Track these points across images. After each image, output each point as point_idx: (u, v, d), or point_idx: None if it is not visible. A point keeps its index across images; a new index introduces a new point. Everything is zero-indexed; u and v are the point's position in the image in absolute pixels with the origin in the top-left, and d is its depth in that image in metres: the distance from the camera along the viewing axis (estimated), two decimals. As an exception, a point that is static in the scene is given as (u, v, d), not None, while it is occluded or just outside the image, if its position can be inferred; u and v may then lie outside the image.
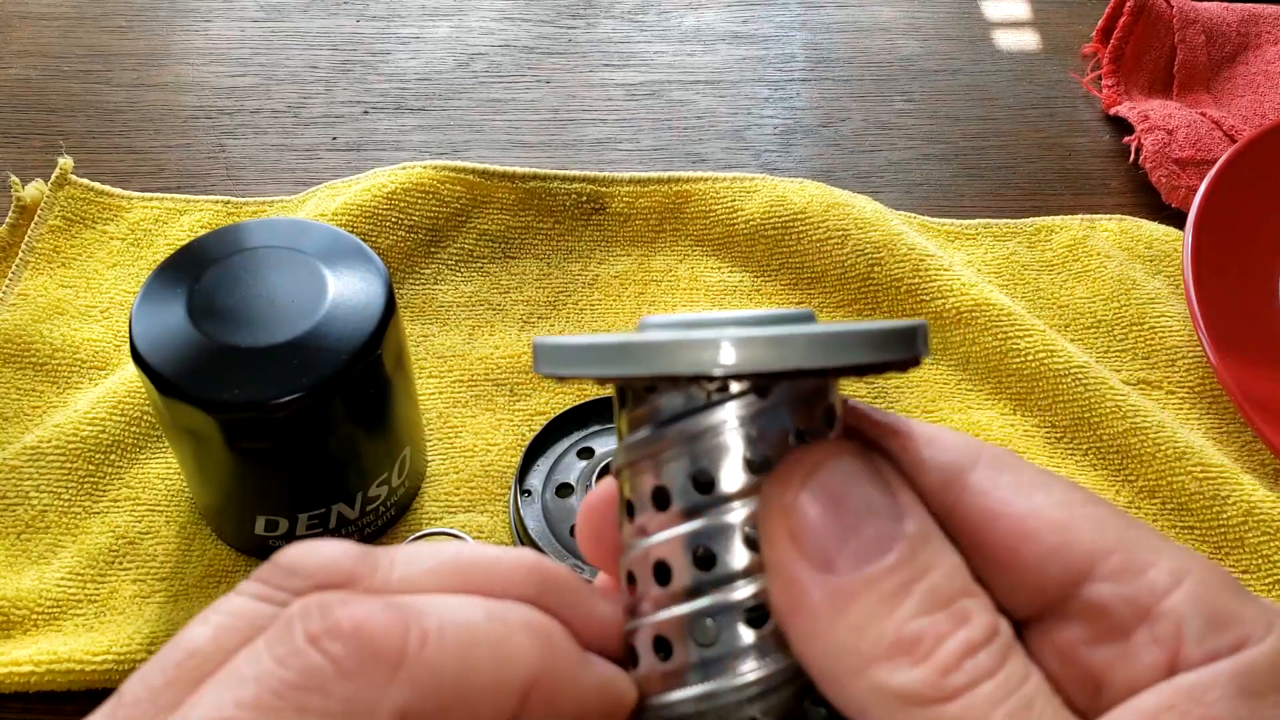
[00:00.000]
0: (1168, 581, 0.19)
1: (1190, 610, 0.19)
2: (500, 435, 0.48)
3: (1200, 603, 0.19)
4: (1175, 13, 0.66)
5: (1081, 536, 0.19)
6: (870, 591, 0.18)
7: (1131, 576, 0.19)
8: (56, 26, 0.70)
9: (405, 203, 0.54)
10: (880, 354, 0.18)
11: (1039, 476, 0.20)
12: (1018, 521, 0.20)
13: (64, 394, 0.49)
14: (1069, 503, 0.20)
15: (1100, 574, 0.19)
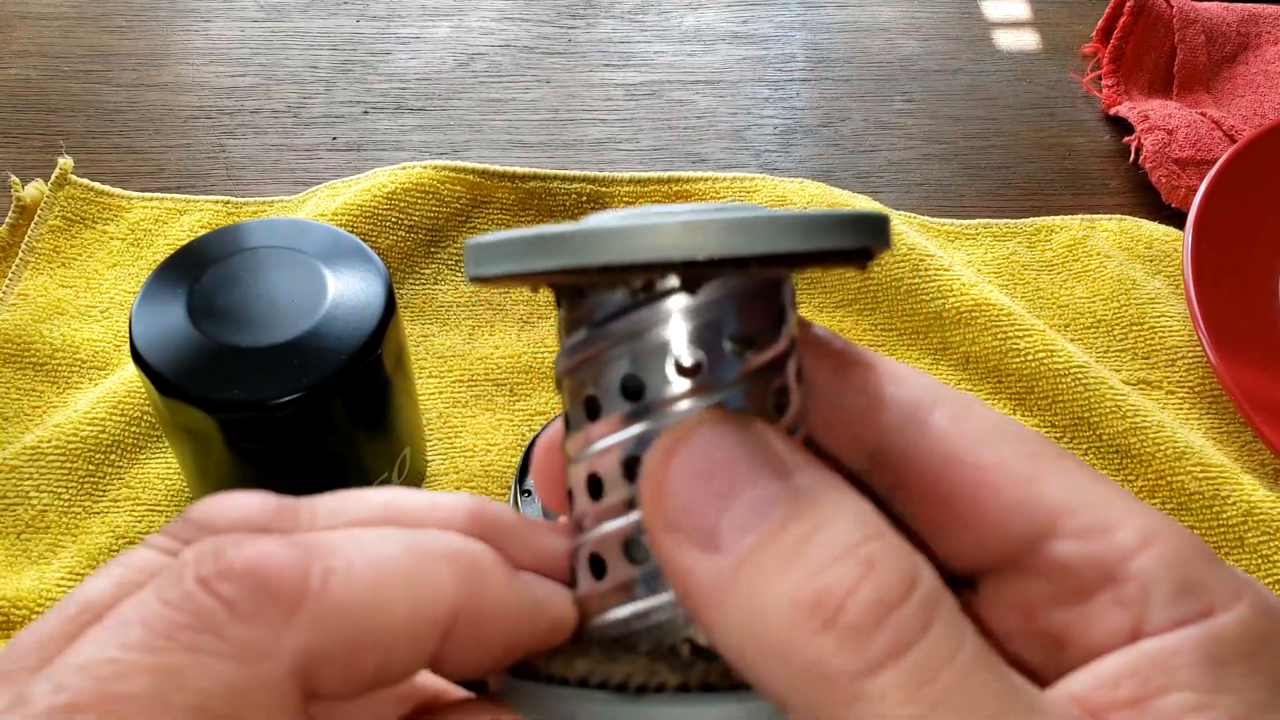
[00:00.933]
0: (1135, 543, 0.18)
1: (1157, 574, 0.18)
2: (500, 435, 0.48)
3: (1168, 567, 0.18)
4: (1175, 13, 0.66)
5: (1047, 491, 0.18)
6: (759, 559, 0.16)
7: (1098, 536, 0.18)
8: (56, 26, 0.70)
9: (405, 203, 0.54)
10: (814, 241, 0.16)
11: (1006, 425, 0.19)
12: (980, 471, 0.18)
13: (64, 394, 0.49)
14: (1036, 455, 0.19)
15: (1065, 531, 0.18)
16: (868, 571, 0.15)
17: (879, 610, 0.15)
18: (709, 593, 0.16)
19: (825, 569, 0.15)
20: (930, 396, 0.19)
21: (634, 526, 0.18)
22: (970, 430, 0.19)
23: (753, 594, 0.16)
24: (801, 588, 0.15)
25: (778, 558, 0.16)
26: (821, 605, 0.15)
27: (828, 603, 0.15)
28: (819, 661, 0.15)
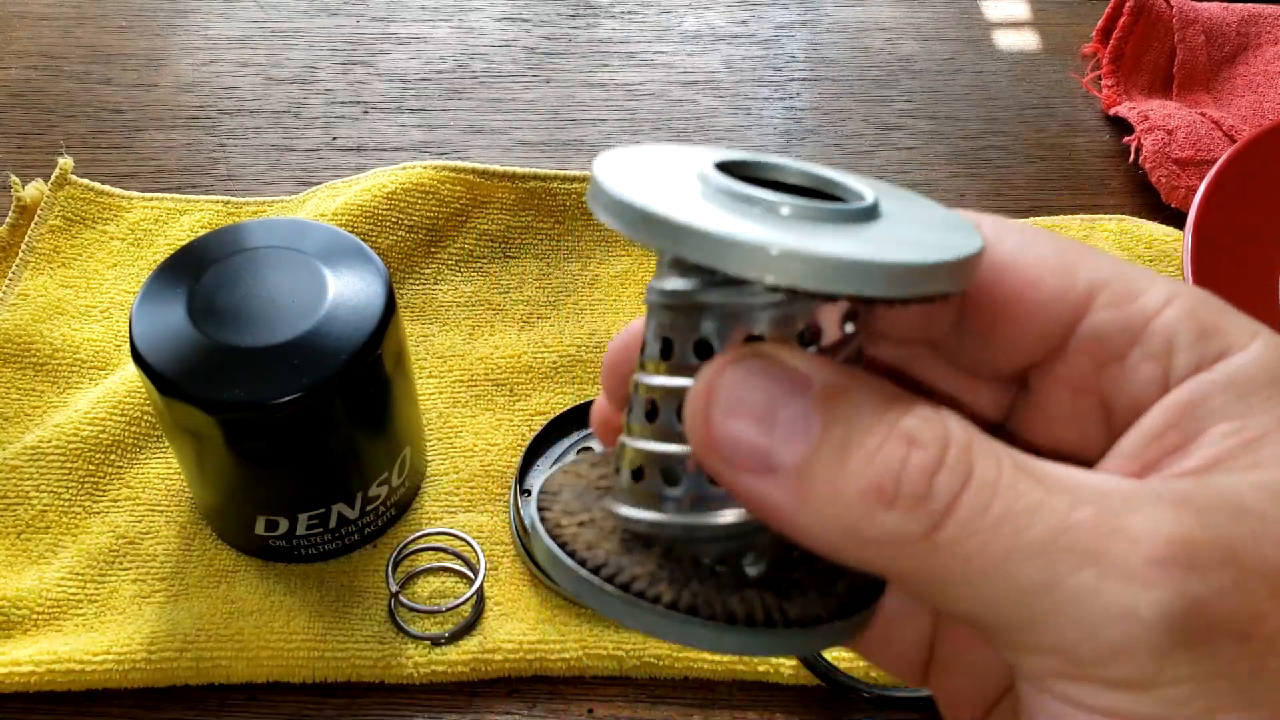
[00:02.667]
0: (1159, 303, 0.20)
1: (1178, 325, 0.19)
2: (500, 435, 0.48)
3: (1188, 318, 0.19)
4: (1175, 13, 0.66)
5: (1080, 275, 0.20)
6: (814, 468, 0.18)
7: (1126, 302, 0.20)
8: (56, 26, 0.70)
9: (405, 203, 0.54)
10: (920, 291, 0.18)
11: (1037, 231, 0.21)
12: (1023, 270, 0.20)
13: (64, 394, 0.49)
14: (1066, 249, 0.21)
15: (1097, 305, 0.20)
16: (909, 447, 0.17)
17: (926, 476, 0.17)
18: (781, 509, 0.18)
19: (873, 457, 0.17)
20: (972, 218, 0.21)
21: (673, 456, 0.20)
22: (1009, 239, 0.21)
23: (818, 498, 0.18)
24: (858, 481, 0.17)
25: (829, 462, 0.18)
26: (880, 490, 0.17)
27: (885, 486, 0.17)
28: (891, 534, 0.17)
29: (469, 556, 0.43)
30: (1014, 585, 0.17)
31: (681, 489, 0.20)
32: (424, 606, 0.41)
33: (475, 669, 0.40)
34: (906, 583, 0.18)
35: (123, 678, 0.40)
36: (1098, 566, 0.17)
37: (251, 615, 0.41)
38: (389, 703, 0.40)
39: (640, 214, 0.18)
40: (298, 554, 0.43)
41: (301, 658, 0.40)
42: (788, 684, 0.40)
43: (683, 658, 0.40)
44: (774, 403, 0.18)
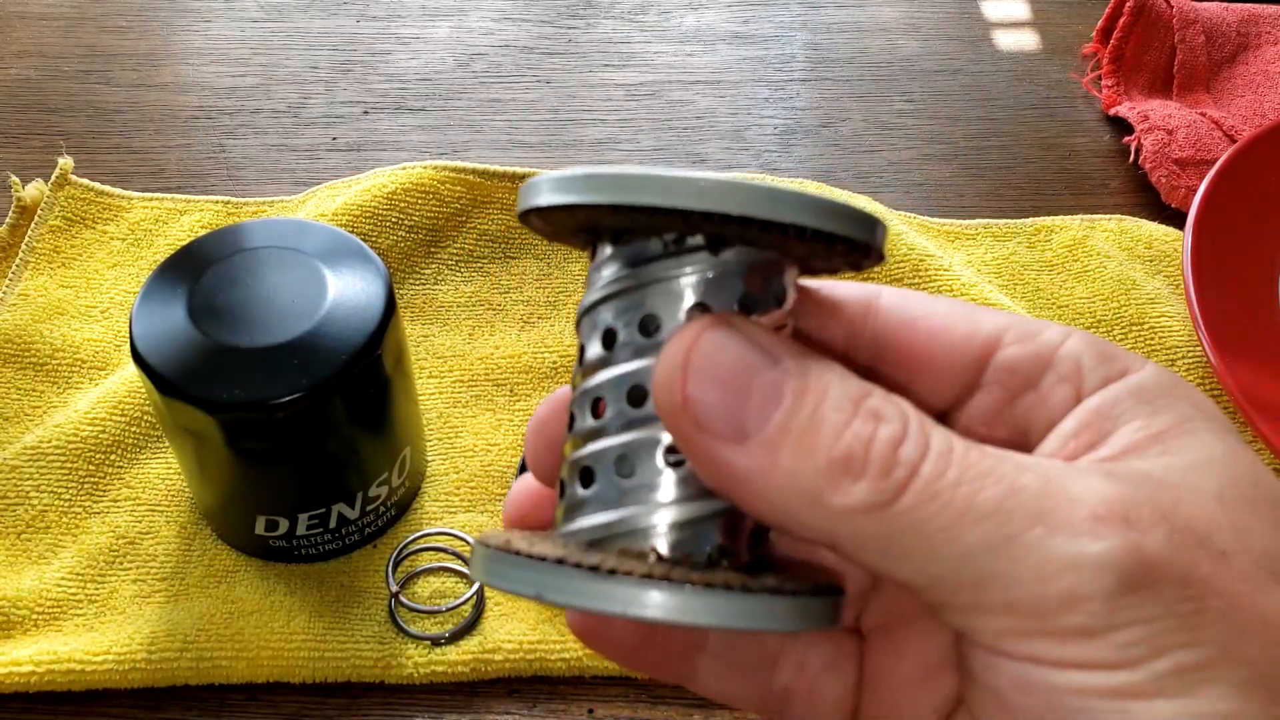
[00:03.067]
0: (1060, 337, 0.22)
1: (1083, 351, 0.21)
2: (500, 435, 0.47)
3: (1089, 346, 0.22)
4: (1175, 13, 0.66)
5: (985, 321, 0.22)
6: (788, 435, 0.18)
7: (1030, 338, 0.22)
8: (56, 26, 0.70)
9: (405, 203, 0.54)
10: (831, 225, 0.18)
11: (932, 296, 0.23)
12: (931, 320, 0.22)
13: (64, 394, 0.49)
14: (967, 305, 0.23)
15: (1005, 342, 0.22)
16: (876, 423, 0.18)
17: (891, 448, 0.18)
18: (747, 478, 0.19)
19: (842, 431, 0.18)
20: (870, 291, 0.23)
21: (627, 445, 0.20)
22: (912, 300, 0.23)
23: (789, 466, 0.18)
24: (828, 453, 0.18)
25: (799, 433, 0.18)
26: (849, 461, 0.18)
27: (853, 458, 0.18)
28: (857, 504, 0.18)
29: (469, 556, 0.43)
30: (968, 546, 0.18)
31: (637, 478, 0.20)
32: (424, 606, 0.41)
33: (475, 669, 0.40)
34: (863, 551, 0.19)
35: (123, 678, 0.40)
36: (1044, 524, 0.18)
37: (251, 615, 0.41)
38: (389, 703, 0.40)
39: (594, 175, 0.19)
40: (298, 554, 0.43)
41: (301, 658, 0.40)
42: (788, 684, 0.40)
43: (683, 658, 0.40)
44: (749, 372, 0.19)
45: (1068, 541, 0.18)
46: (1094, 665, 0.18)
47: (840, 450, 0.18)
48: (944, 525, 0.18)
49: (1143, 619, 0.18)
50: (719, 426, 0.19)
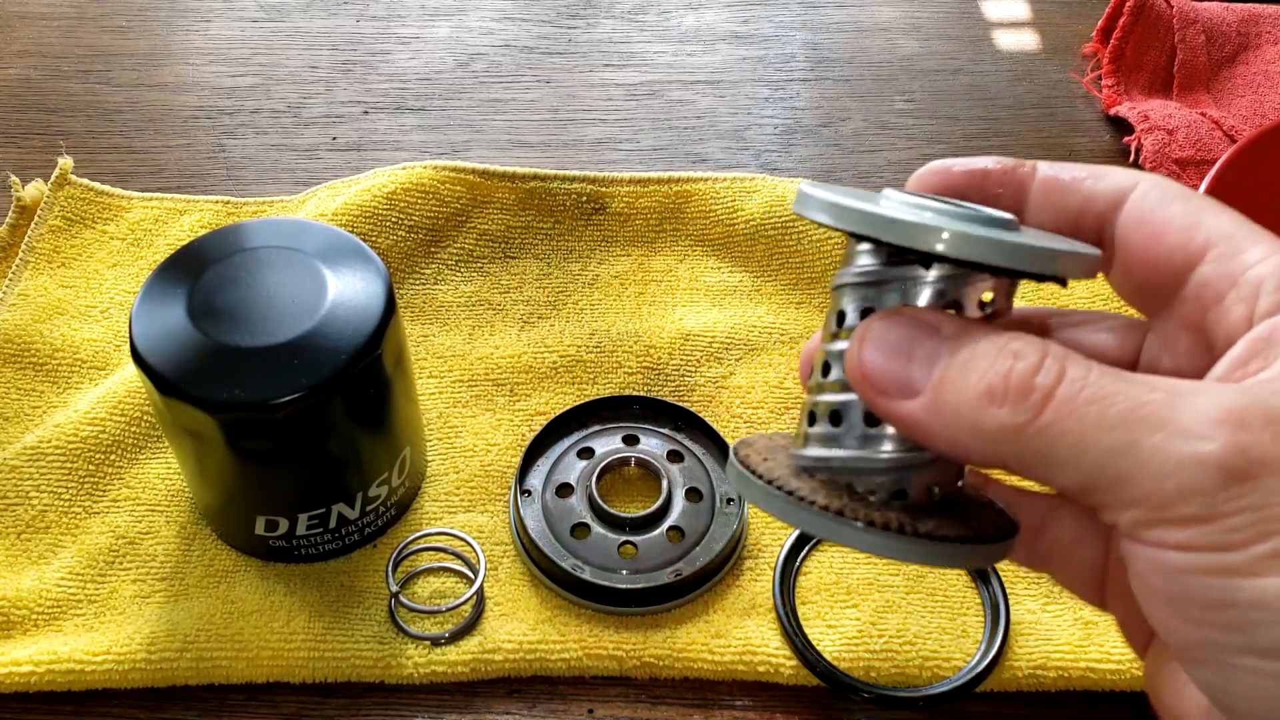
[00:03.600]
0: (1255, 258, 0.25)
1: (1266, 275, 0.24)
2: (500, 435, 0.47)
3: (1274, 272, 0.24)
4: (1175, 13, 0.66)
5: (1199, 233, 0.25)
6: (946, 382, 0.23)
7: (1229, 257, 0.25)
8: (56, 26, 0.70)
9: (405, 203, 0.54)
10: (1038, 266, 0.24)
11: (1180, 190, 0.26)
12: (1155, 224, 0.26)
13: (64, 394, 0.49)
14: (1195, 208, 0.26)
15: (1208, 258, 0.25)
16: (1013, 360, 0.22)
17: (1029, 377, 0.22)
18: (920, 422, 0.23)
19: (986, 371, 0.23)
20: (1131, 182, 0.27)
21: (841, 403, 0.25)
22: (1152, 198, 0.26)
23: (952, 405, 0.23)
24: (977, 389, 0.23)
25: (955, 379, 0.23)
26: (992, 392, 0.22)
27: (995, 389, 0.22)
28: (1005, 425, 0.22)
29: (469, 556, 0.43)
30: (1102, 452, 0.22)
31: (843, 428, 0.26)
32: (424, 606, 0.41)
33: (475, 669, 0.40)
34: (1020, 466, 0.23)
35: (123, 678, 0.40)
36: (1165, 430, 0.21)
37: (251, 615, 0.41)
38: (389, 703, 0.40)
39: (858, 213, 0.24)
40: (298, 554, 0.43)
41: (301, 658, 0.40)
42: (788, 684, 0.40)
43: (682, 658, 0.40)
44: (912, 342, 0.24)
45: (1184, 444, 0.21)
46: (1206, 548, 0.21)
47: (984, 384, 0.23)
48: (1082, 435, 0.22)
49: (1246, 508, 0.21)
50: (890, 386, 0.24)
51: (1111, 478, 0.22)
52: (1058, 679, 0.40)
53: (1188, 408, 0.22)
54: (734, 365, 0.50)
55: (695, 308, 0.53)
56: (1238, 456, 0.21)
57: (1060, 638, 0.40)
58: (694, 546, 0.43)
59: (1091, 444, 0.22)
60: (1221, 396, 0.22)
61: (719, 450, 0.46)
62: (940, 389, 0.23)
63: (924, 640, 0.41)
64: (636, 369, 0.50)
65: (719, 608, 0.42)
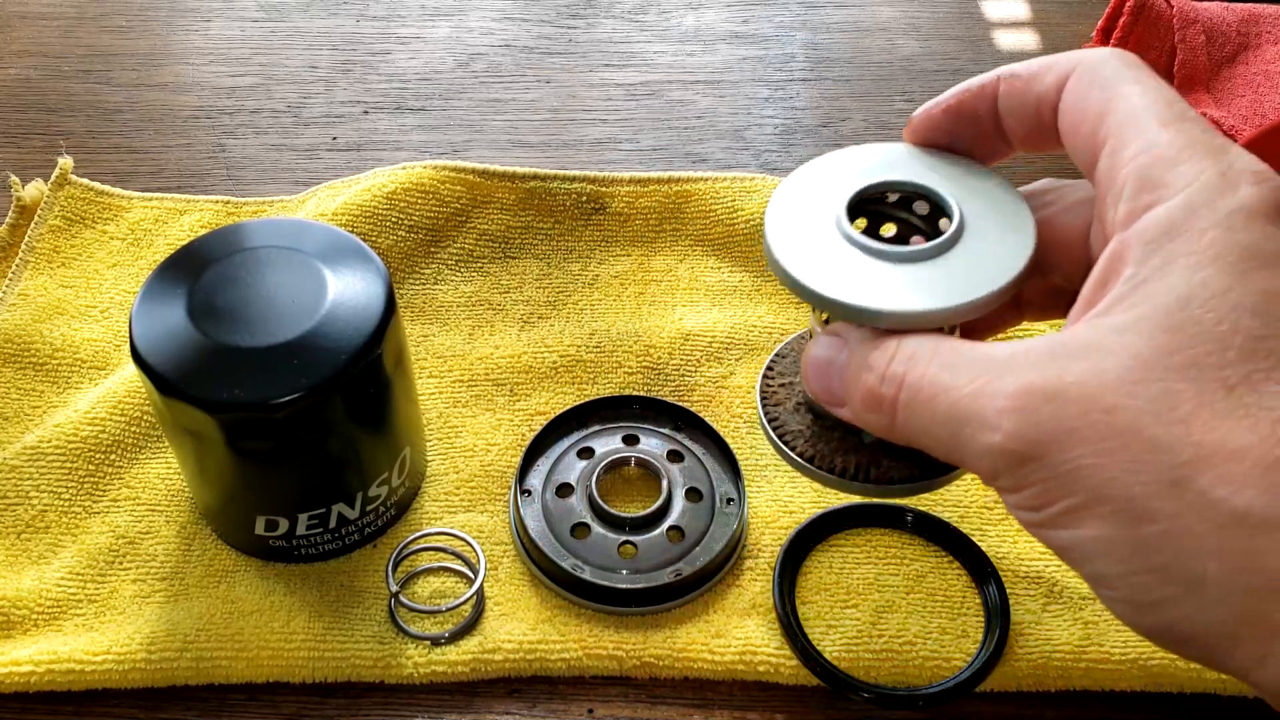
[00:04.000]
0: (1132, 154, 0.28)
1: (1130, 178, 0.27)
2: (500, 435, 0.47)
3: (1138, 172, 0.27)
4: (1175, 13, 0.66)
5: (1104, 122, 0.28)
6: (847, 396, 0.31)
7: (1117, 151, 0.28)
8: (56, 26, 0.70)
9: (405, 203, 0.54)
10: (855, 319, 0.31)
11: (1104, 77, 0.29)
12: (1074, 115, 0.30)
13: (64, 394, 0.49)
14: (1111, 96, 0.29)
15: (1104, 151, 0.28)
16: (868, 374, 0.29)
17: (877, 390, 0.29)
18: (853, 419, 0.31)
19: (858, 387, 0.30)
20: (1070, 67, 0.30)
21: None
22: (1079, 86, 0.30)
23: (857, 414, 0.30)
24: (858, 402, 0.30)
25: (850, 395, 0.30)
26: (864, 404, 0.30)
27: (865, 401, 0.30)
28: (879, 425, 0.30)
29: (469, 556, 0.43)
30: (940, 440, 0.28)
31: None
32: (424, 606, 0.41)
33: (475, 669, 0.40)
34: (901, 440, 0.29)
35: (123, 678, 0.40)
36: (970, 424, 0.27)
37: (251, 615, 0.41)
38: (389, 703, 0.40)
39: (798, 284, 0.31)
40: (298, 554, 0.43)
41: (301, 658, 0.40)
42: (788, 684, 0.40)
43: (682, 658, 0.40)
44: (829, 365, 0.31)
45: (982, 434, 0.26)
46: (1024, 508, 0.27)
47: (858, 399, 0.30)
48: (923, 430, 0.28)
49: (1036, 480, 0.26)
50: (828, 401, 0.31)
51: (955, 458, 0.28)
52: (1058, 679, 0.40)
53: (986, 397, 0.26)
54: (734, 365, 0.50)
55: (695, 308, 0.53)
56: (1018, 443, 0.26)
57: (1060, 638, 0.40)
58: (694, 546, 0.43)
59: (932, 435, 0.28)
60: (1015, 380, 0.26)
61: (719, 450, 0.46)
62: (849, 401, 0.31)
63: (924, 640, 0.41)
64: (636, 369, 0.50)
65: (719, 608, 0.42)
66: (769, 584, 0.42)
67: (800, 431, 0.38)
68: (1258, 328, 0.25)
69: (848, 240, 0.32)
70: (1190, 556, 0.25)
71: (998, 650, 0.40)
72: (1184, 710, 0.40)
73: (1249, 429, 0.24)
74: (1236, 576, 0.24)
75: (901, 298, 0.30)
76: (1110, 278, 0.27)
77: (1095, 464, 0.25)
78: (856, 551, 0.44)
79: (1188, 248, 0.26)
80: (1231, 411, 0.25)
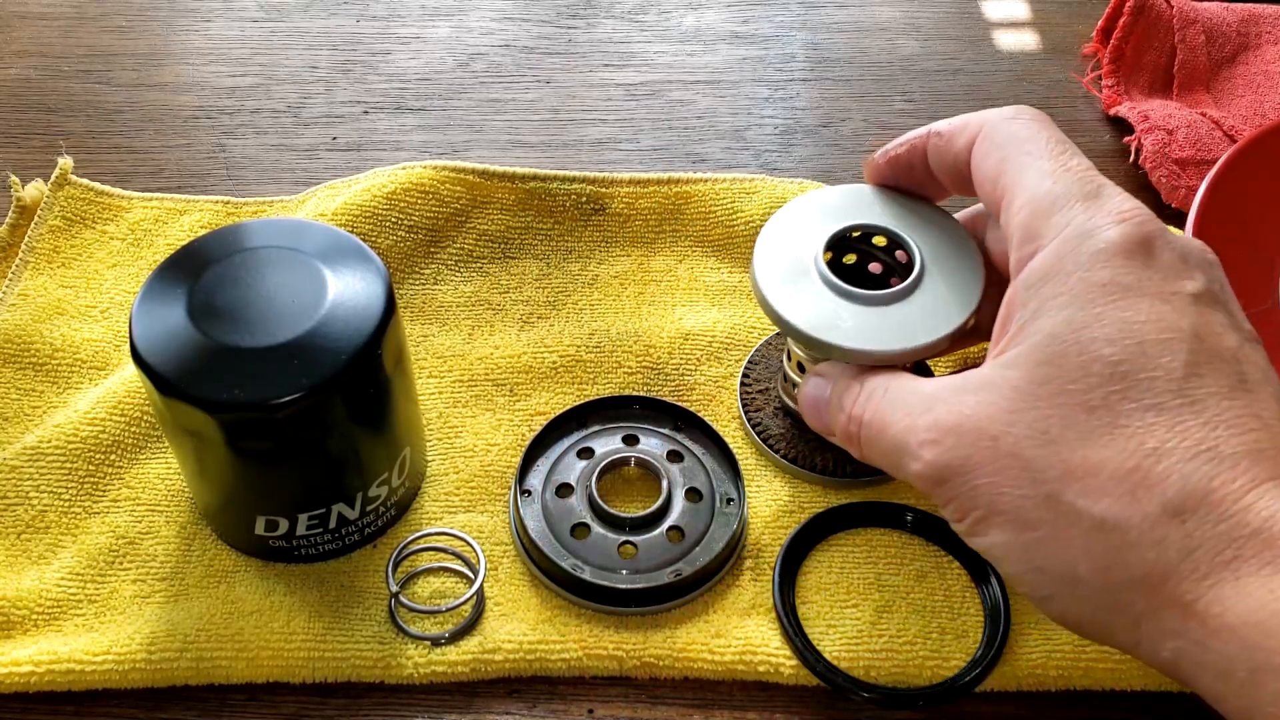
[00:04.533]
0: (1017, 208, 0.33)
1: (1015, 231, 0.33)
2: (500, 435, 0.48)
3: (1024, 223, 0.32)
4: (1175, 13, 0.66)
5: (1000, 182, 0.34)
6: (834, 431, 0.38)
7: (1008, 207, 0.33)
8: (56, 26, 0.70)
9: (405, 203, 0.54)
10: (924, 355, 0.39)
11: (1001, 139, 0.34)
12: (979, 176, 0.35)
13: (64, 394, 0.49)
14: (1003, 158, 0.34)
15: (1003, 205, 0.34)
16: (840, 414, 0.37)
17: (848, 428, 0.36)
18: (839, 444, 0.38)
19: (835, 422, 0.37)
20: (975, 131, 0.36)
21: None
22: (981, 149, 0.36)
23: (839, 442, 0.37)
24: (840, 435, 0.37)
25: (840, 433, 0.37)
26: (843, 438, 0.37)
27: (843, 436, 0.37)
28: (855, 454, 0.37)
29: (469, 556, 0.43)
30: (890, 466, 0.34)
31: None
32: (424, 606, 0.41)
33: (475, 669, 0.40)
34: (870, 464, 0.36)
35: (123, 678, 0.40)
36: (903, 454, 0.33)
37: (251, 615, 0.41)
38: (389, 703, 0.40)
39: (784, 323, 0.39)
40: (298, 554, 0.43)
41: (301, 658, 0.40)
42: (788, 684, 0.40)
43: (682, 658, 0.40)
44: (818, 402, 0.38)
45: (911, 463, 0.33)
46: (951, 519, 0.33)
47: (839, 432, 0.37)
48: (880, 459, 0.35)
49: (951, 498, 0.32)
50: (823, 431, 0.38)
51: (901, 479, 0.35)
52: (1058, 679, 0.40)
53: (911, 432, 0.32)
54: (734, 365, 0.50)
55: (695, 308, 0.53)
56: (933, 469, 0.32)
57: (1060, 638, 0.40)
58: (694, 546, 0.43)
59: (884, 462, 0.34)
60: (930, 416, 0.32)
61: (719, 450, 0.46)
62: (834, 433, 0.37)
63: (924, 640, 0.41)
64: (636, 369, 0.50)
65: (719, 608, 0.42)
66: (769, 584, 0.42)
67: (782, 435, 0.46)
68: (1114, 354, 0.29)
69: (825, 283, 0.39)
70: (1065, 559, 0.29)
71: (998, 650, 0.40)
72: (1184, 710, 0.40)
73: (1106, 444, 0.28)
74: (1102, 574, 0.29)
75: (869, 340, 0.37)
76: (1006, 321, 0.32)
77: (989, 483, 0.30)
78: (856, 551, 0.44)
79: (1056, 290, 0.30)
80: (1093, 431, 0.29)
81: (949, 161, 0.37)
